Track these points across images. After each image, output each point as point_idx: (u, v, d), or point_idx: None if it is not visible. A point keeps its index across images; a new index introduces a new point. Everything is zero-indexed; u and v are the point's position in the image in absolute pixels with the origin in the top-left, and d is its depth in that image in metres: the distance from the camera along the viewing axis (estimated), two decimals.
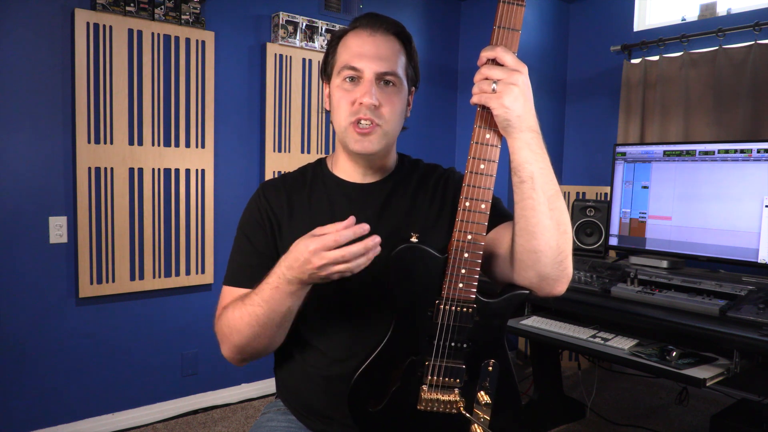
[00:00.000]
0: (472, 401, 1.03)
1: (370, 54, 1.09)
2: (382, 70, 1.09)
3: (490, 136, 0.96)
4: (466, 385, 1.03)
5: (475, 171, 0.96)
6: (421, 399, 1.02)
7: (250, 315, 1.01)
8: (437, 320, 1.00)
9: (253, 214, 1.19)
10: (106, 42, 2.45)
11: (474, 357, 1.03)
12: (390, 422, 1.04)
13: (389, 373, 1.03)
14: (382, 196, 1.18)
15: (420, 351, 1.02)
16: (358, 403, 1.03)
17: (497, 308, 1.01)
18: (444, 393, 1.02)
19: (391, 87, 1.11)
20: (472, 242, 0.97)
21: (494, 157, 0.97)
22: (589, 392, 2.82)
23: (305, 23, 2.95)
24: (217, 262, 2.83)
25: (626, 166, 2.56)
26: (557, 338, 2.16)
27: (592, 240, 2.64)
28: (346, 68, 1.10)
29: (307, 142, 3.05)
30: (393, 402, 1.03)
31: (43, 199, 2.41)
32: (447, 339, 1.01)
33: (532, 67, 3.55)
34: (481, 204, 0.97)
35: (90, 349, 2.56)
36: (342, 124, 1.11)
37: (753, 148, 2.18)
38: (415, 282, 1.00)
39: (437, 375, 1.02)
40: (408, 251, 0.99)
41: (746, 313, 1.79)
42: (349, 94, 1.10)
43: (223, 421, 2.77)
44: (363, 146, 1.10)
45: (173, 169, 2.68)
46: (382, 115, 1.10)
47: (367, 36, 1.11)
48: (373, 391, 1.03)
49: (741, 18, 2.92)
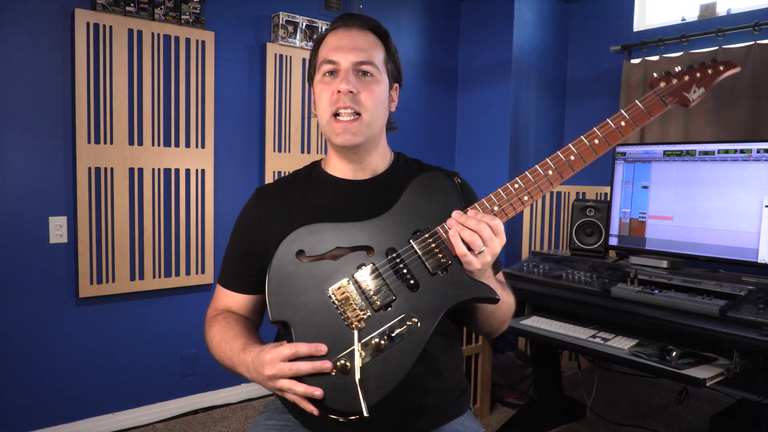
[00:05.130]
0: (371, 333, 0.99)
1: (346, 46, 1.13)
2: (358, 60, 1.12)
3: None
4: (375, 319, 1.00)
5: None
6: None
7: (225, 354, 1.11)
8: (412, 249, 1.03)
9: (244, 220, 1.24)
10: (106, 42, 2.45)
11: (408, 302, 1.00)
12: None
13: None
14: (376, 192, 1.18)
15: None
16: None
17: (466, 285, 1.02)
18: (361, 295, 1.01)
19: (369, 77, 1.14)
20: (498, 212, 1.03)
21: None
22: (589, 392, 2.82)
23: (305, 23, 2.95)
24: (217, 262, 2.83)
25: (626, 166, 2.56)
26: (557, 338, 2.16)
27: (592, 240, 2.64)
28: (325, 62, 1.14)
29: (307, 142, 3.05)
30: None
31: (43, 199, 2.41)
32: (404, 269, 1.02)
33: (532, 67, 3.58)
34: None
35: (90, 349, 2.56)
36: (324, 117, 1.14)
37: (753, 148, 2.18)
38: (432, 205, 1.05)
39: (370, 278, 1.01)
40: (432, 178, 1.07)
41: (746, 313, 1.79)
42: (328, 87, 1.13)
43: (223, 421, 2.77)
44: (345, 138, 1.12)
45: (173, 169, 2.68)
46: (360, 103, 1.11)
47: (343, 31, 1.16)
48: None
49: (741, 18, 2.92)
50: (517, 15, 3.44)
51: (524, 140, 3.56)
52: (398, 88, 1.24)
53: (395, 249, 1.03)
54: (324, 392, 0.95)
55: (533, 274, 2.43)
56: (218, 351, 1.13)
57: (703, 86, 1.10)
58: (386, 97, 1.18)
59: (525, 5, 3.48)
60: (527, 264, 2.56)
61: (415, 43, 3.54)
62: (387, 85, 1.18)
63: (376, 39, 1.17)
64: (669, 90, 1.08)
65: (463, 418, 1.21)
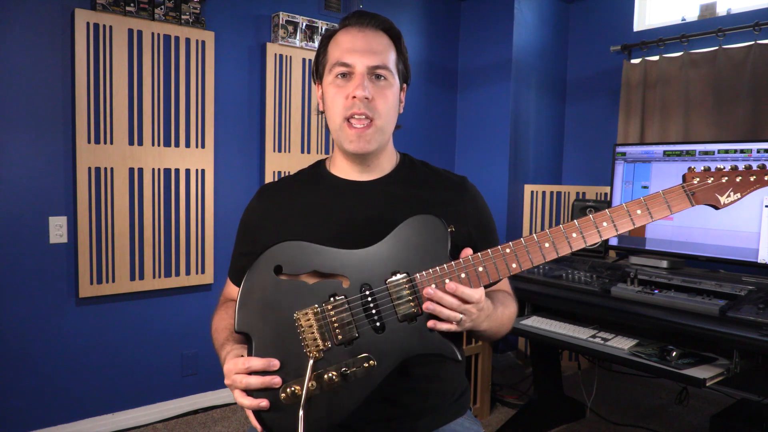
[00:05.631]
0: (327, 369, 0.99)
1: (361, 48, 1.10)
2: (374, 64, 1.10)
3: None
4: (334, 352, 0.99)
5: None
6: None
7: (214, 344, 1.15)
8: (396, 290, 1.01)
9: (247, 217, 1.25)
10: (106, 42, 2.45)
11: (370, 343, 1.00)
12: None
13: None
14: (382, 193, 1.17)
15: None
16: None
17: (423, 340, 1.00)
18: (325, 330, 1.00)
19: (383, 81, 1.12)
20: (482, 273, 1.00)
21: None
22: (589, 392, 2.82)
23: (305, 23, 2.95)
24: (217, 262, 2.83)
25: (626, 166, 2.56)
26: (557, 338, 2.16)
27: None
28: (338, 64, 1.10)
29: (307, 142, 3.05)
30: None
31: (43, 199, 2.41)
32: (378, 310, 1.00)
33: (532, 67, 3.58)
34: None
35: (90, 349, 2.56)
36: (336, 121, 1.12)
37: (753, 148, 2.18)
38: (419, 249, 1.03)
39: (339, 310, 1.00)
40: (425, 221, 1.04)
41: (746, 313, 1.79)
42: (341, 90, 1.11)
43: (223, 421, 2.77)
44: (359, 146, 1.11)
45: (173, 169, 2.68)
46: (375, 109, 1.10)
47: (357, 32, 1.12)
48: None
49: (741, 18, 2.92)
50: (517, 15, 3.44)
51: (524, 140, 3.56)
52: (406, 89, 1.23)
53: (370, 286, 1.01)
54: (268, 411, 0.97)
55: (533, 274, 2.43)
56: (212, 339, 1.17)
57: (739, 192, 1.01)
58: (398, 100, 1.17)
59: (525, 5, 3.48)
60: None
61: (415, 43, 3.54)
62: (398, 87, 1.17)
63: (389, 40, 1.15)
64: (701, 187, 1.00)
65: (463, 419, 1.21)
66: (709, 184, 1.01)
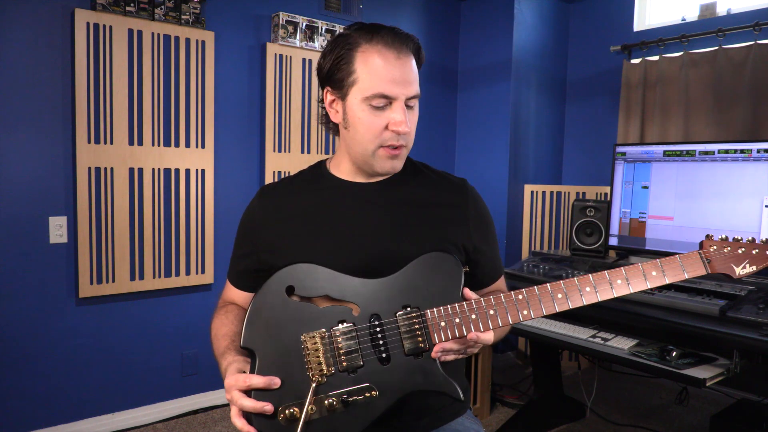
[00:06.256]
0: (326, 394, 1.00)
1: (401, 80, 1.07)
2: (412, 95, 1.10)
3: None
4: (337, 379, 1.00)
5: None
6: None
7: (214, 350, 1.14)
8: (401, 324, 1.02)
9: (246, 218, 1.24)
10: (106, 42, 2.45)
11: (374, 374, 1.00)
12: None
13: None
14: (384, 195, 1.17)
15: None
16: None
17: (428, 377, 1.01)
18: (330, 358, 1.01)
19: (414, 107, 1.13)
20: (492, 317, 1.01)
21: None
22: (589, 392, 2.82)
23: (305, 23, 2.95)
24: (217, 262, 2.83)
25: (626, 166, 2.56)
26: (557, 338, 2.16)
27: (592, 240, 2.64)
28: (379, 96, 1.06)
29: (307, 142, 3.05)
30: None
31: (43, 199, 2.41)
32: (384, 342, 1.02)
33: (532, 67, 3.58)
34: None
35: (90, 349, 2.56)
36: (369, 148, 1.10)
37: (753, 148, 2.18)
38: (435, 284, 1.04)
39: (346, 337, 1.01)
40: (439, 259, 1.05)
41: (746, 313, 1.79)
42: (378, 119, 1.08)
43: (223, 421, 2.77)
44: (392, 168, 1.13)
45: (173, 169, 2.68)
46: (407, 136, 1.11)
47: (395, 59, 1.07)
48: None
49: (741, 18, 2.92)
50: (517, 15, 3.44)
51: (524, 140, 3.56)
52: None
53: (380, 317, 1.02)
54: (262, 431, 0.97)
55: (533, 274, 2.43)
56: (212, 344, 1.17)
57: (755, 265, 1.02)
58: None
59: (525, 5, 3.48)
60: (527, 264, 2.56)
61: None
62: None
63: (415, 61, 1.12)
64: (717, 256, 1.03)
65: (463, 418, 1.21)
66: (726, 254, 1.03)
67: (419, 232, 1.13)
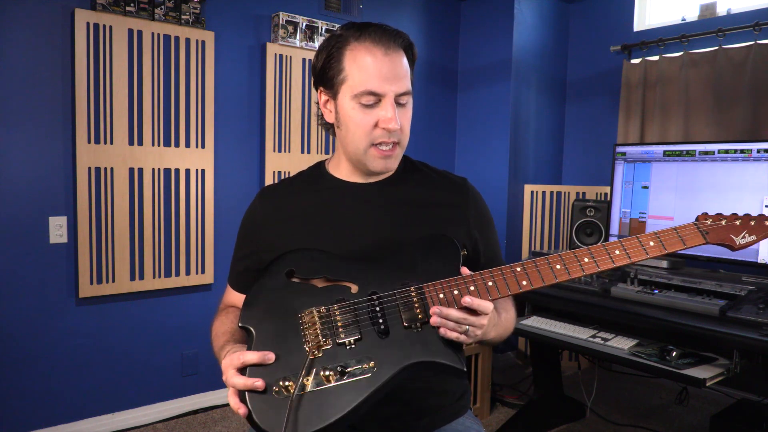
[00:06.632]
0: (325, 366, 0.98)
1: (389, 76, 1.06)
2: (402, 91, 1.08)
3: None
4: (334, 352, 0.98)
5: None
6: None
7: (214, 348, 1.14)
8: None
9: (247, 220, 1.24)
10: (106, 42, 2.45)
11: (372, 346, 0.98)
12: None
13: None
14: (385, 195, 1.17)
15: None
16: None
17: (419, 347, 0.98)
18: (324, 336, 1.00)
19: (407, 104, 1.11)
20: (491, 288, 1.00)
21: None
22: (589, 392, 2.82)
23: (305, 23, 2.95)
24: (216, 262, 2.83)
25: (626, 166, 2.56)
26: (557, 338, 2.16)
27: (592, 240, 2.64)
28: (367, 93, 1.06)
29: (307, 142, 3.05)
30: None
31: (43, 199, 2.41)
32: (381, 314, 1.00)
33: (532, 67, 3.58)
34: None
35: (90, 349, 2.56)
36: (360, 147, 1.10)
37: (753, 148, 2.18)
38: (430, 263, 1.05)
39: (344, 311, 1.01)
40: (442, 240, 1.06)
41: (746, 313, 1.79)
42: (368, 117, 1.07)
43: (223, 421, 2.77)
44: (386, 167, 1.12)
45: (173, 169, 2.68)
46: (399, 134, 1.10)
47: (383, 56, 1.06)
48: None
49: (741, 18, 2.92)
50: (517, 15, 3.44)
51: (524, 140, 3.56)
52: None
53: (378, 293, 1.02)
54: (255, 406, 0.94)
55: None
56: (212, 344, 1.17)
57: (755, 235, 1.02)
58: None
59: (525, 5, 3.48)
60: None
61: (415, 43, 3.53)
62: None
63: (406, 57, 1.11)
64: (713, 227, 1.02)
65: (464, 418, 1.21)
66: (723, 225, 1.03)
67: (418, 232, 1.12)
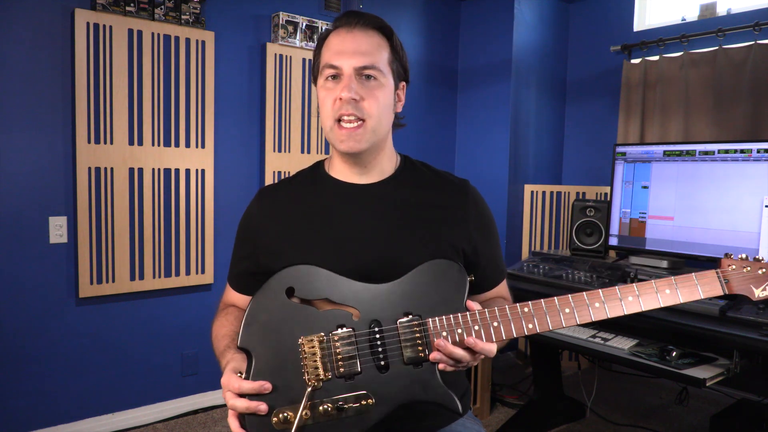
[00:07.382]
0: (322, 403, 0.98)
1: (349, 50, 1.09)
2: (361, 65, 1.08)
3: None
4: (333, 384, 0.98)
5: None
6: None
7: (214, 350, 1.14)
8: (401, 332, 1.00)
9: (245, 220, 1.24)
10: (106, 42, 2.45)
11: (371, 382, 0.98)
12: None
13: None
14: (384, 197, 1.16)
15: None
16: None
17: (422, 387, 0.98)
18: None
19: (374, 81, 1.10)
20: (496, 329, 0.99)
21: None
22: (589, 392, 2.82)
23: (305, 23, 2.95)
24: (217, 262, 2.83)
25: (626, 166, 2.56)
26: (557, 338, 2.16)
27: (592, 240, 2.64)
28: (327, 67, 1.10)
29: (307, 142, 3.05)
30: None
31: (43, 199, 2.41)
32: (384, 351, 0.99)
33: (532, 67, 3.58)
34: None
35: (90, 349, 2.56)
36: (327, 124, 1.11)
37: (753, 148, 2.18)
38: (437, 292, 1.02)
39: (345, 342, 0.99)
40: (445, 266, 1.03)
41: (746, 313, 1.79)
42: (330, 92, 1.10)
43: (223, 421, 2.77)
44: (349, 145, 1.10)
45: (173, 169, 2.68)
46: (364, 110, 1.09)
47: (346, 33, 1.11)
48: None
49: (741, 18, 2.92)
50: (517, 15, 3.44)
51: (524, 140, 3.56)
52: (405, 86, 1.20)
53: (380, 323, 1.00)
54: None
55: (533, 274, 2.43)
56: (213, 345, 1.16)
57: None
58: (392, 100, 1.14)
59: (525, 5, 3.48)
60: (527, 264, 2.56)
61: (415, 43, 3.54)
62: (392, 86, 1.14)
63: (381, 38, 1.13)
64: (736, 276, 0.97)
65: (464, 419, 1.21)
66: (745, 274, 0.98)
67: (416, 233, 1.11)
